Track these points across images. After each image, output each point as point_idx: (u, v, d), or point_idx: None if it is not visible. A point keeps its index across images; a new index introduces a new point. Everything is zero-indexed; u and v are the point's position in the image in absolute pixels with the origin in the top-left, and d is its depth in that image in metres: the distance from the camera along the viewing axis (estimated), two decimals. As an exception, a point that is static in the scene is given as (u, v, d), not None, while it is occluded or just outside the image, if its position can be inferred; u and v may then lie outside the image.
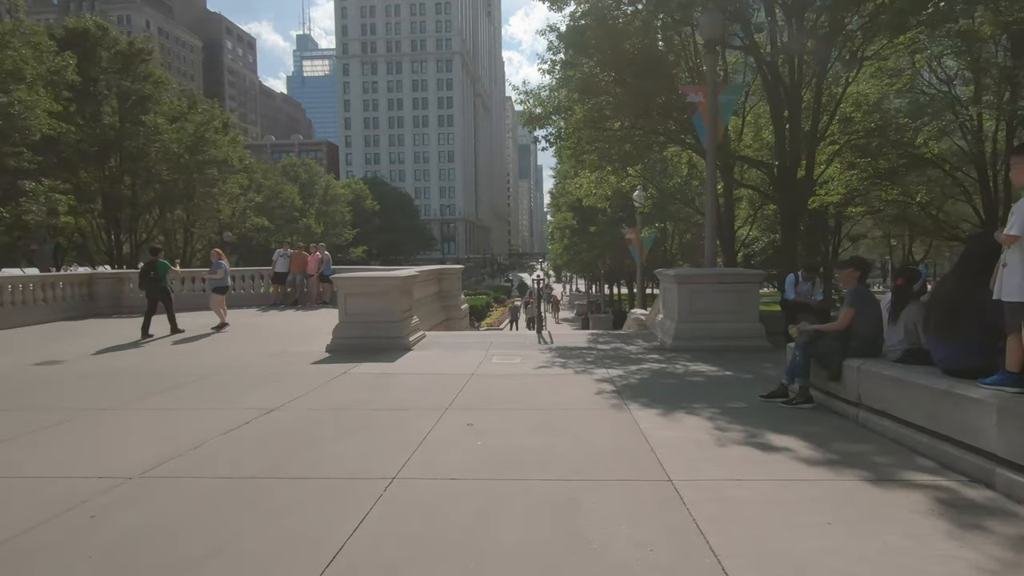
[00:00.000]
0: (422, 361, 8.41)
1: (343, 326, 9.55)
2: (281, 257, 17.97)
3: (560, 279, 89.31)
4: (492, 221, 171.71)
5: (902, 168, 16.93)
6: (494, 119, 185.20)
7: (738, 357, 8.34)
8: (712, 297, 9.07)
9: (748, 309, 9.09)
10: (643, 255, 19.75)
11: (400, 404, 5.84)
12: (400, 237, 76.83)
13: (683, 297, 9.07)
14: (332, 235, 54.30)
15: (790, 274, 9.53)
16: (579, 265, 41.58)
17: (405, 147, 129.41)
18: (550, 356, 8.70)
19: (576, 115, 12.85)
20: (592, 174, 16.84)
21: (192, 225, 31.95)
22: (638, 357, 8.53)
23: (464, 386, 6.64)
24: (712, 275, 9.20)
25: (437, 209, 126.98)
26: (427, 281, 13.88)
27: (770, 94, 12.38)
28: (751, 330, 9.02)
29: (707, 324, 9.04)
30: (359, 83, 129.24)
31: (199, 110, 30.95)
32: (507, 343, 9.99)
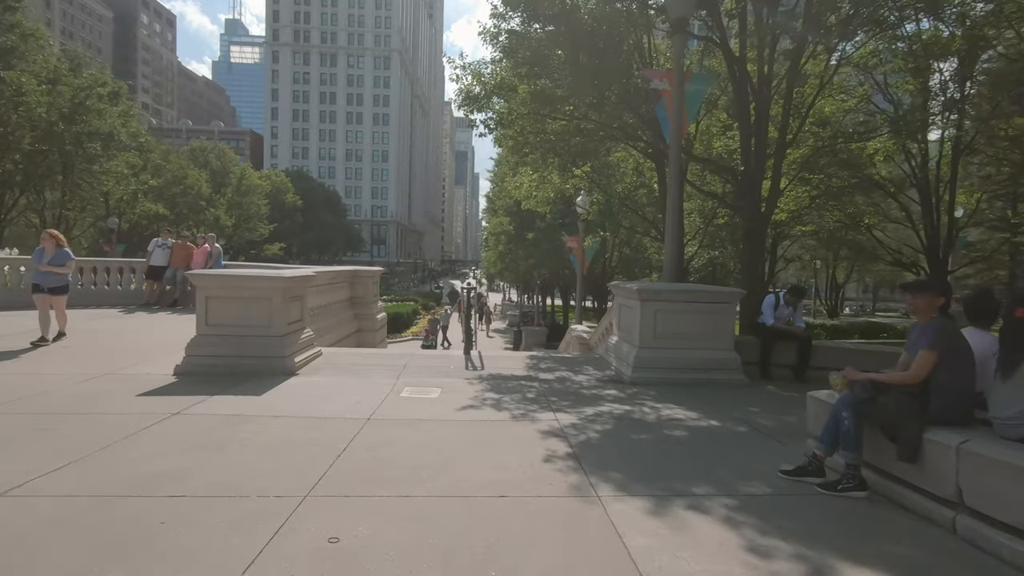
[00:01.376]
0: (303, 395, 6.10)
1: (202, 341, 7.06)
2: (159, 248, 14.82)
3: (492, 288, 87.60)
4: (426, 226, 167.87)
5: (849, 188, 16.37)
6: (432, 123, 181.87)
7: (714, 395, 6.68)
8: (681, 318, 7.39)
9: (723, 334, 7.48)
10: (584, 266, 18.23)
11: (234, 483, 3.58)
12: (325, 236, 72.14)
13: (646, 317, 7.33)
14: (245, 229, 49.52)
15: (768, 295, 8.06)
16: (514, 274, 39.81)
17: (336, 143, 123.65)
18: (479, 389, 6.65)
19: (520, 95, 10.99)
20: (534, 173, 15.10)
21: (68, 207, 27.10)
22: (592, 394, 6.66)
23: (350, 444, 4.46)
24: (682, 292, 7.52)
25: (368, 210, 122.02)
26: (333, 285, 11.45)
27: (737, 92, 11.06)
28: (726, 360, 7.40)
29: (674, 351, 7.34)
30: (289, 72, 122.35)
31: (84, 74, 26.51)
32: (425, 367, 7.85)
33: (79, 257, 13.27)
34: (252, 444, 4.40)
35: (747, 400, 6.58)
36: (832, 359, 8.07)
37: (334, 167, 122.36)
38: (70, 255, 8.62)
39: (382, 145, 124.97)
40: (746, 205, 10.99)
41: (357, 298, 13.04)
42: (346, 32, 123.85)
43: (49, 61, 24.97)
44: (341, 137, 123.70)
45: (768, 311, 7.92)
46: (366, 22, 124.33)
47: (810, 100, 11.38)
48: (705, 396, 6.58)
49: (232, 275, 7.31)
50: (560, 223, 25.06)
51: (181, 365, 6.93)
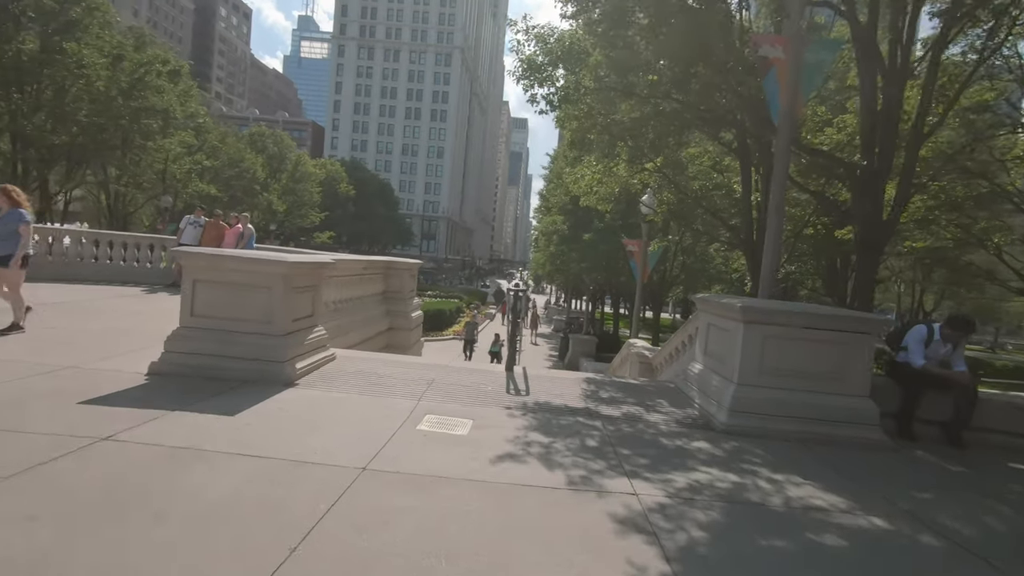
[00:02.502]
0: (292, 418, 4.63)
1: (184, 334, 5.73)
2: (190, 225, 13.95)
3: (539, 290, 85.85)
4: (476, 224, 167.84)
5: (972, 200, 13.78)
6: (489, 121, 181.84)
7: (848, 460, 4.80)
8: (798, 349, 5.50)
9: (855, 374, 5.53)
10: (646, 273, 16.32)
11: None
12: (376, 227, 72.34)
13: (751, 344, 5.48)
14: (297, 216, 49.73)
15: (918, 326, 6.02)
16: (564, 277, 37.82)
17: (394, 137, 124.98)
18: (523, 425, 5.01)
19: (593, 61, 9.27)
20: (597, 164, 13.35)
21: (122, 183, 27.26)
22: (676, 446, 4.89)
23: (328, 513, 2.92)
24: (803, 315, 5.63)
25: (420, 204, 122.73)
26: (363, 276, 10.08)
27: (862, 71, 8.96)
28: (859, 410, 5.46)
29: (786, 393, 5.47)
30: (353, 66, 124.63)
31: (147, 52, 26.60)
32: (457, 385, 6.28)
33: (139, 233, 12.45)
34: (181, 506, 2.91)
35: (900, 474, 4.66)
36: (999, 419, 5.99)
37: (390, 161, 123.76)
38: (24, 216, 7.09)
39: (438, 141, 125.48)
40: (864, 210, 8.87)
41: (391, 293, 11.66)
42: (410, 28, 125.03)
43: (114, 36, 25.13)
44: (399, 132, 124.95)
45: (916, 347, 5.89)
46: (430, 19, 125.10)
47: (963, 81, 9.09)
48: (836, 463, 4.70)
49: (225, 255, 5.94)
50: (620, 224, 23.04)
51: (157, 363, 5.62)
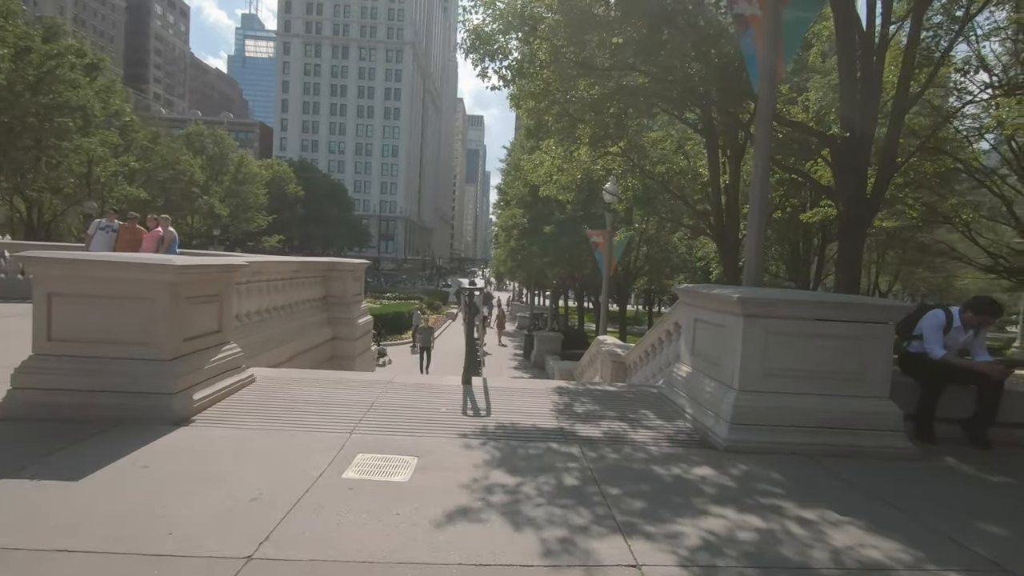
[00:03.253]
0: (165, 476, 3.41)
1: (39, 364, 4.41)
2: (101, 231, 12.24)
3: (502, 287, 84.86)
4: (435, 223, 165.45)
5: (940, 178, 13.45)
6: (444, 119, 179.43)
7: (883, 480, 3.93)
8: (808, 347, 4.60)
9: (875, 373, 4.67)
10: (612, 264, 15.49)
11: None
12: (329, 229, 69.67)
13: (753, 343, 4.55)
14: (243, 219, 47.05)
15: (935, 311, 5.23)
16: (526, 273, 36.78)
17: (346, 136, 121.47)
18: (482, 462, 3.92)
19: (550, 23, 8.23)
20: (557, 149, 12.39)
21: (35, 187, 24.61)
22: (674, 476, 3.90)
23: None
24: (813, 304, 4.72)
25: (376, 205, 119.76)
26: (295, 280, 8.77)
27: (841, 41, 8.22)
28: (880, 414, 4.60)
29: (796, 399, 4.57)
30: (300, 64, 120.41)
31: (60, 44, 24.12)
32: (401, 409, 5.15)
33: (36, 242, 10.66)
34: None
35: (946, 495, 3.80)
36: (1019, 411, 5.25)
37: (343, 161, 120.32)
38: None
39: (393, 140, 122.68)
40: (848, 186, 8.16)
41: (333, 298, 10.37)
42: (358, 24, 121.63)
43: (18, 26, 22.58)
44: (351, 131, 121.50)
45: (935, 336, 5.09)
46: (379, 14, 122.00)
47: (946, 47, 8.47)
48: (869, 484, 3.83)
49: (88, 259, 4.62)
50: (582, 215, 22.19)
51: (2, 403, 4.29)
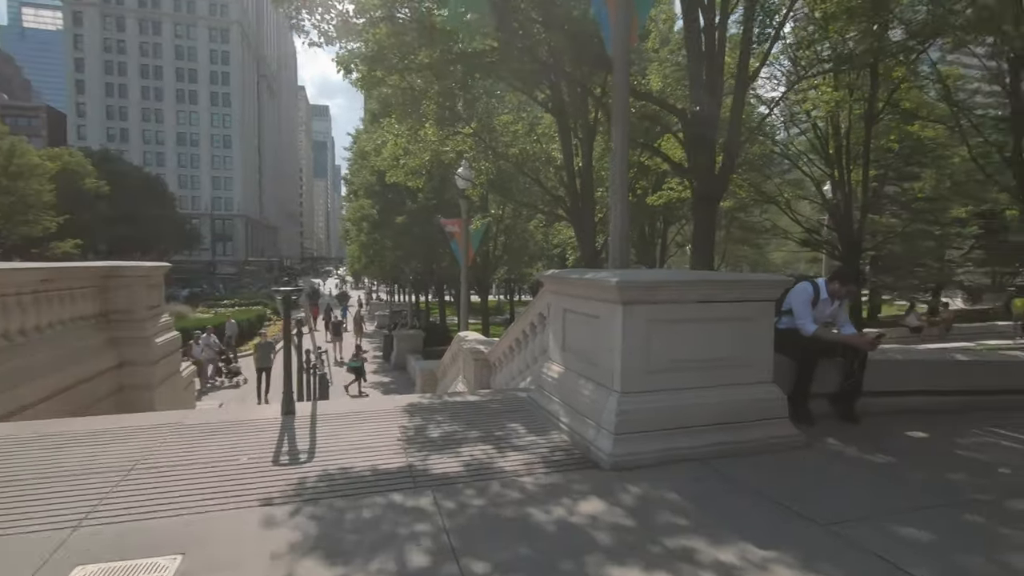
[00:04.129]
0: None
1: None
2: None
3: (359, 286, 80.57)
4: (281, 221, 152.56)
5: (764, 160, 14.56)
6: (283, 107, 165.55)
7: (782, 479, 3.41)
8: (695, 333, 3.98)
9: (760, 355, 4.20)
10: (470, 255, 14.61)
11: None
12: (147, 231, 60.06)
13: (634, 333, 3.81)
14: (21, 222, 38.31)
15: (803, 283, 4.97)
16: (380, 268, 34.46)
17: (165, 125, 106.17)
18: (288, 547, 2.65)
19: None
20: (401, 127, 11.09)
21: None
22: (554, 519, 2.98)
23: None
24: (695, 283, 4.10)
25: (208, 202, 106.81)
26: (45, 295, 6.49)
27: (686, 16, 8.03)
28: (767, 402, 4.15)
29: (686, 395, 3.94)
30: (98, 39, 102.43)
31: None
32: (179, 467, 3.64)
33: None
34: None
35: (845, 491, 3.36)
36: (873, 378, 5.23)
37: (163, 152, 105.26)
38: None
39: (223, 129, 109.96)
40: (700, 161, 8.04)
41: (117, 314, 8.06)
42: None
43: None
44: (171, 118, 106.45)
45: (804, 310, 4.83)
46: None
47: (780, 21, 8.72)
48: (773, 489, 3.27)
49: None
50: (435, 203, 20.98)
51: None
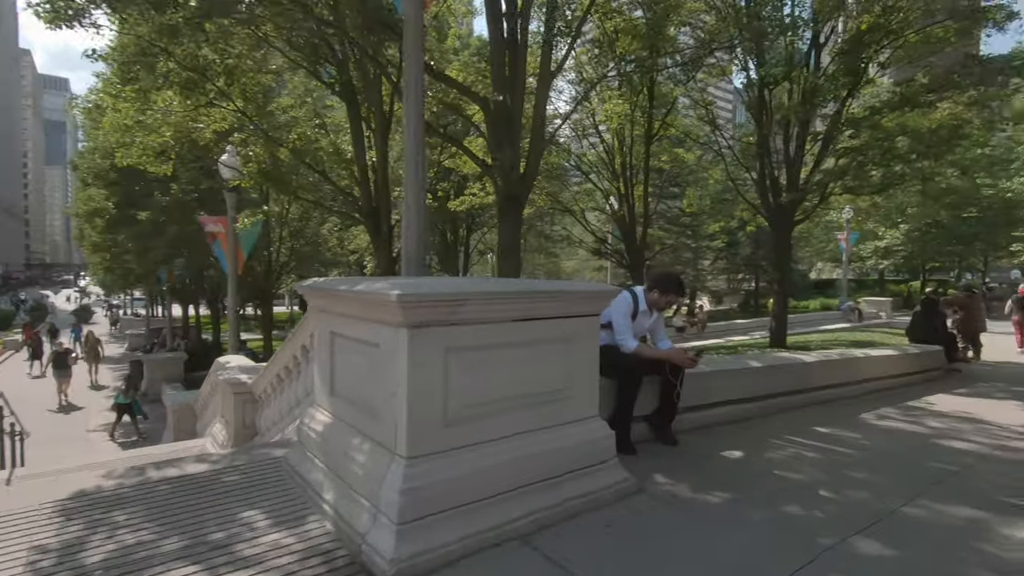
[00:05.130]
0: None
1: None
2: None
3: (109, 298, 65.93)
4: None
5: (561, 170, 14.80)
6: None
7: (625, 563, 2.50)
8: (506, 363, 2.92)
9: (583, 386, 3.31)
10: (241, 261, 11.97)
11: None
12: None
13: (425, 370, 2.61)
14: None
15: (621, 295, 4.30)
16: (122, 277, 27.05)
17: None
18: None
19: None
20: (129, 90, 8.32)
21: None
22: None
23: None
24: (512, 296, 3.02)
25: None
26: None
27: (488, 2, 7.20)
28: (595, 443, 3.29)
29: (499, 448, 2.85)
30: None
31: None
32: None
33: None
34: None
35: (696, 554, 2.60)
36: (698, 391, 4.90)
37: None
38: None
39: None
40: (504, 159, 7.27)
41: None
42: None
43: None
44: None
45: (624, 324, 4.18)
46: None
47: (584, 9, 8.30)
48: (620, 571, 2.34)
49: None
50: (197, 197, 17.12)
51: None
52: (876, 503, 3.33)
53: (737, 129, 15.72)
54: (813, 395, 6.30)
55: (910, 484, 3.68)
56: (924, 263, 44.84)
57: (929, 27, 11.41)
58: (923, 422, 5.74)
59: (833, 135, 11.48)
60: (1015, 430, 5.52)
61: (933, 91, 10.51)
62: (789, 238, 11.82)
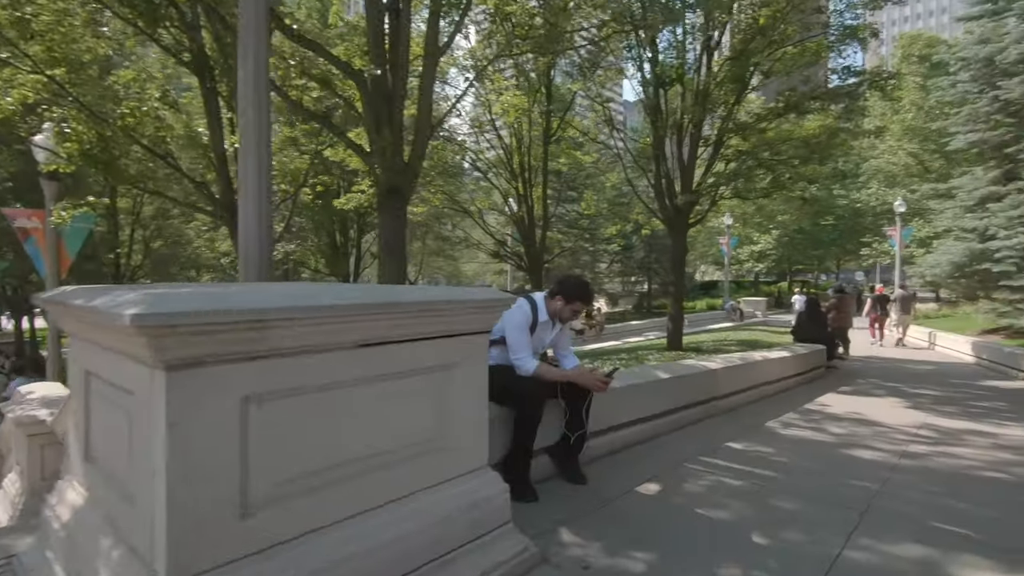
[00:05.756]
0: None
1: None
2: None
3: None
4: None
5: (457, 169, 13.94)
6: None
7: None
8: (350, 409, 2.00)
9: (466, 427, 2.45)
10: (64, 262, 9.74)
11: None
12: None
13: (197, 432, 1.62)
14: None
15: (517, 305, 3.48)
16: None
17: None
18: None
19: None
20: None
21: None
22: None
23: None
24: (351, 310, 2.09)
25: None
26: None
27: None
28: (485, 506, 2.44)
29: (329, 539, 1.91)
30: None
31: None
32: None
33: None
34: None
35: None
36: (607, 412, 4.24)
37: None
38: None
39: None
40: (384, 144, 6.25)
41: None
42: None
43: None
44: None
45: (521, 339, 3.37)
46: None
47: None
48: None
49: None
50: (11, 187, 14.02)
51: None
52: (815, 547, 2.81)
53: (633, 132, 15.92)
54: (719, 404, 5.97)
55: (841, 514, 3.24)
56: (791, 266, 49.50)
57: (806, 41, 12.00)
58: (826, 428, 5.57)
59: (723, 139, 11.68)
60: (907, 431, 5.51)
61: (815, 98, 11.06)
62: (685, 240, 11.85)
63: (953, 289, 21.43)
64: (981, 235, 17.39)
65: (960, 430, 5.63)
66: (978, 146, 19.16)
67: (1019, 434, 5.52)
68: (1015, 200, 16.88)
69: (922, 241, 29.05)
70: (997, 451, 4.85)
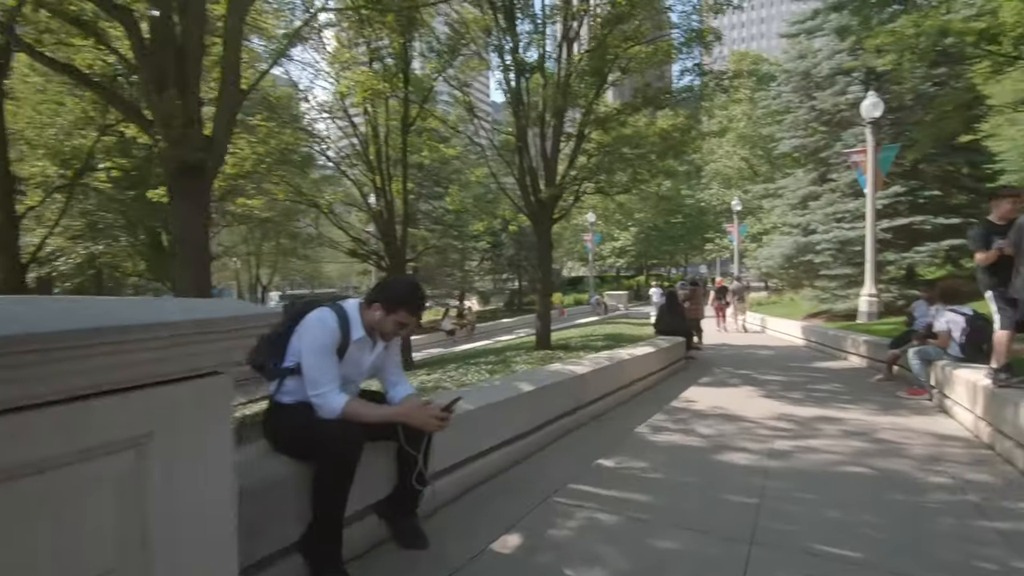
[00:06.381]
0: None
1: None
2: None
3: None
4: None
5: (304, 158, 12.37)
6: None
7: None
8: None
9: (185, 542, 1.46)
10: None
11: None
12: None
13: None
14: None
15: (319, 315, 2.48)
16: None
17: None
18: None
19: None
20: None
21: None
22: None
23: None
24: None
25: None
26: None
27: None
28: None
29: None
30: None
31: None
32: None
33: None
34: None
35: None
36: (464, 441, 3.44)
37: None
38: None
39: None
40: (169, 109, 4.82)
41: None
42: None
43: None
44: None
45: (324, 368, 2.39)
46: None
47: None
48: None
49: None
50: None
51: None
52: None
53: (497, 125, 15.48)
54: (587, 410, 5.47)
55: (729, 549, 2.74)
56: (647, 261, 53.19)
57: (658, 40, 12.28)
58: (694, 429, 5.29)
59: (584, 132, 11.53)
60: (767, 425, 5.43)
61: (669, 93, 11.34)
62: (550, 236, 11.51)
63: (783, 279, 24.01)
64: (804, 230, 19.55)
65: (811, 418, 5.68)
66: (799, 151, 21.61)
67: (861, 418, 5.69)
68: (829, 199, 19.21)
69: (755, 237, 32.47)
70: (850, 439, 4.85)
